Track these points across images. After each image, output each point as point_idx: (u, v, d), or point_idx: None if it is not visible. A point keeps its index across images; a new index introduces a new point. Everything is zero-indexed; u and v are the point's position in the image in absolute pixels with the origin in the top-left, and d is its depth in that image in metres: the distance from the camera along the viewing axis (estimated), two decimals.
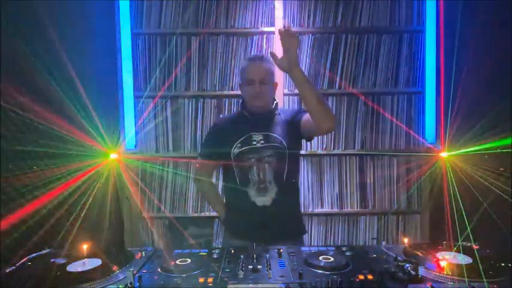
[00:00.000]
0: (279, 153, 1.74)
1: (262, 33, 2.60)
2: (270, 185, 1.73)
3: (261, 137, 1.75)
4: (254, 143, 1.75)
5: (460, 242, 1.43)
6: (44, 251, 1.43)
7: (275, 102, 1.87)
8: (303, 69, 2.58)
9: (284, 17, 2.57)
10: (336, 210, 2.65)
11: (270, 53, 1.65)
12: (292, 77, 1.60)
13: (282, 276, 1.16)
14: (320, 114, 1.62)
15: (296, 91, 2.59)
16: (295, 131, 1.80)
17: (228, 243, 1.82)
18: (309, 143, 2.53)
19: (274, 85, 1.85)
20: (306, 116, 1.75)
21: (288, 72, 1.60)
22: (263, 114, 1.82)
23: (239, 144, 1.75)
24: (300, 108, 1.90)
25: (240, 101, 1.92)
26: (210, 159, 1.91)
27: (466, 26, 2.29)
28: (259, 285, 1.10)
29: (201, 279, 1.14)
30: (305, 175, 2.65)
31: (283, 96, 2.58)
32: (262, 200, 1.72)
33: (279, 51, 2.51)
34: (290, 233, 1.80)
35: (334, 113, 2.57)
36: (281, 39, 1.56)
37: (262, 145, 1.74)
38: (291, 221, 1.85)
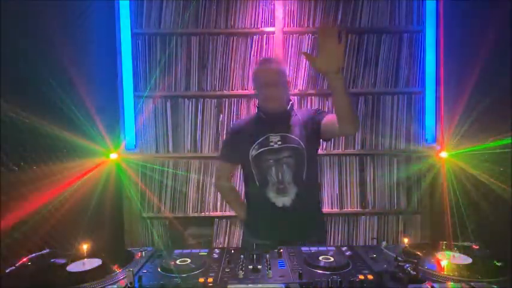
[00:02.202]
0: (297, 153, 1.74)
1: (262, 33, 2.60)
2: (289, 186, 1.73)
3: (278, 138, 1.75)
4: (272, 144, 1.75)
5: (460, 242, 1.43)
6: (44, 251, 1.43)
7: (291, 102, 1.85)
8: (303, 69, 2.61)
9: (284, 17, 2.57)
10: (336, 210, 2.65)
11: (304, 53, 1.57)
12: (330, 81, 1.49)
13: (282, 276, 1.16)
14: (348, 120, 1.59)
15: (297, 90, 2.59)
16: (314, 131, 1.78)
17: (249, 243, 1.82)
18: None
19: (287, 85, 1.83)
20: (328, 118, 1.74)
21: (328, 76, 1.50)
22: (279, 115, 1.80)
23: (257, 146, 1.75)
24: (318, 109, 1.88)
25: (257, 102, 1.92)
26: (230, 162, 1.94)
27: (466, 26, 2.29)
28: (259, 285, 1.10)
29: (201, 279, 1.14)
30: None
31: None
32: (282, 201, 1.73)
33: (278, 52, 2.55)
34: (311, 233, 1.79)
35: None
36: (322, 39, 1.42)
37: (279, 146, 1.74)
38: (312, 221, 1.83)
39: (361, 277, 1.14)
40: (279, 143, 1.75)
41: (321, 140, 1.87)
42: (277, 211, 1.73)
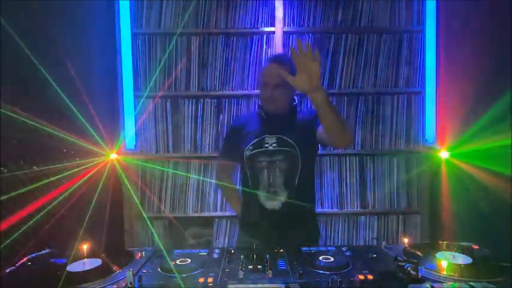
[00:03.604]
0: (291, 157, 1.71)
1: (262, 33, 2.60)
2: (279, 190, 1.71)
3: (273, 140, 1.73)
4: (266, 145, 1.72)
5: (460, 242, 1.43)
6: (44, 251, 1.43)
7: (294, 103, 1.82)
8: None
9: (284, 17, 2.57)
10: (336, 210, 2.65)
11: (282, 73, 1.55)
12: (312, 99, 1.49)
13: (282, 276, 1.16)
14: (338, 135, 1.56)
15: (297, 91, 2.59)
16: (310, 136, 1.75)
17: (242, 242, 1.82)
18: None
19: (290, 86, 1.73)
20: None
21: (307, 94, 1.50)
22: (279, 116, 1.78)
23: (251, 147, 1.73)
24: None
25: (258, 100, 1.91)
26: (228, 159, 1.94)
27: (466, 26, 2.29)
28: (259, 285, 1.10)
29: (201, 279, 1.15)
30: None
31: None
32: (272, 204, 1.71)
33: (278, 52, 2.54)
34: (302, 237, 1.77)
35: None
36: (296, 59, 1.45)
37: (274, 148, 1.71)
38: (302, 225, 1.81)
39: (361, 277, 1.14)
40: (274, 145, 1.72)
41: (319, 145, 1.84)
42: (266, 214, 1.71)
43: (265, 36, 2.60)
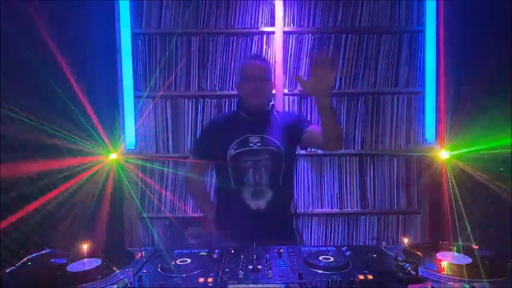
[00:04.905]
0: (276, 156, 1.72)
1: (262, 33, 2.60)
2: (265, 189, 1.71)
3: (257, 139, 1.73)
4: (251, 145, 1.72)
5: (460, 242, 1.43)
6: (44, 251, 1.43)
7: (271, 103, 1.86)
8: (304, 69, 2.61)
9: (284, 17, 2.57)
10: (336, 210, 2.65)
11: (295, 77, 1.63)
12: (319, 103, 1.53)
13: (282, 276, 1.16)
14: (334, 139, 1.63)
15: (296, 91, 2.59)
16: (295, 137, 1.79)
17: (218, 244, 1.80)
18: None
19: (271, 84, 1.84)
20: (311, 128, 1.75)
21: (317, 98, 1.54)
22: (260, 115, 1.80)
23: (235, 146, 1.72)
24: (300, 116, 1.89)
25: (237, 100, 1.91)
26: (204, 158, 1.88)
27: (466, 26, 2.29)
28: (259, 285, 1.10)
29: (201, 279, 1.14)
30: (305, 175, 2.65)
31: (283, 96, 2.57)
32: (257, 204, 1.71)
33: (278, 51, 2.54)
34: (282, 236, 1.78)
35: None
36: (315, 66, 1.47)
37: (258, 147, 1.72)
38: (284, 224, 1.84)
39: (361, 277, 1.14)
40: (258, 144, 1.72)
41: (298, 146, 1.87)
42: (250, 213, 1.71)
43: (265, 36, 2.60)
